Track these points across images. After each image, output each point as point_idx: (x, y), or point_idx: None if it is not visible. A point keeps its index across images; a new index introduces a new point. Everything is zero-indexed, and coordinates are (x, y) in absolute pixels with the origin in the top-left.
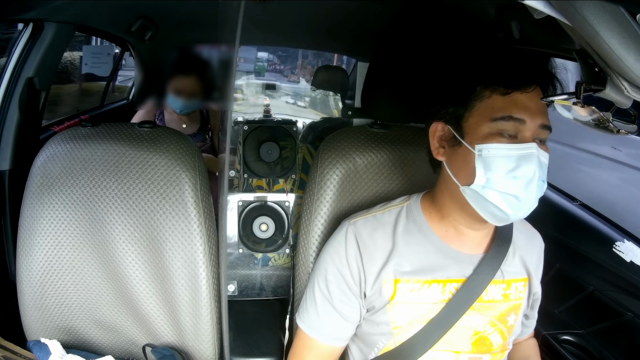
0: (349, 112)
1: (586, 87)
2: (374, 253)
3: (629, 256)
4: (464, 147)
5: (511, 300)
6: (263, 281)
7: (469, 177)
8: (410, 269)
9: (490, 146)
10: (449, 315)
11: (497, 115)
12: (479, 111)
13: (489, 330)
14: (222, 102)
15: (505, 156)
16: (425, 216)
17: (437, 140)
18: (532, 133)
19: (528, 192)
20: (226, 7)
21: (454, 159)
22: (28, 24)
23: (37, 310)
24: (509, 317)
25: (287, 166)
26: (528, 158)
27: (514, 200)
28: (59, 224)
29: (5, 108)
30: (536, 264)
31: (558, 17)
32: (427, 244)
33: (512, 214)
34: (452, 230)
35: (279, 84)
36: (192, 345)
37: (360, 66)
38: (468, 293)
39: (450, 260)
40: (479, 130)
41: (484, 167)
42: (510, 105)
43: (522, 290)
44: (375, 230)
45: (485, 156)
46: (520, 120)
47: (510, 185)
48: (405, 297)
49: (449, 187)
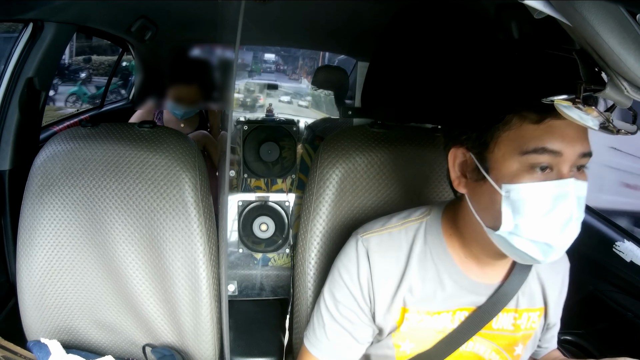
0: (349, 112)
1: (586, 87)
2: (386, 277)
3: (629, 256)
4: (489, 184)
5: (522, 330)
6: (263, 281)
7: (495, 220)
8: (421, 297)
9: (520, 187)
10: (454, 342)
11: (529, 147)
12: (506, 142)
13: (494, 358)
14: (222, 102)
15: (537, 198)
16: (445, 238)
17: (458, 168)
18: (570, 165)
19: (563, 235)
20: (226, 7)
21: (477, 196)
22: (28, 24)
23: (37, 310)
24: (516, 347)
25: (287, 166)
26: (564, 197)
27: (547, 248)
28: (59, 224)
29: (5, 108)
30: (559, 289)
31: (558, 17)
32: (442, 271)
33: (543, 260)
34: (472, 258)
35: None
36: (192, 345)
37: (360, 66)
38: (476, 321)
39: (465, 291)
40: (507, 166)
41: (513, 210)
42: (543, 134)
43: (536, 320)
44: (389, 252)
45: (513, 198)
46: (556, 153)
47: (542, 232)
48: (412, 325)
49: (473, 223)
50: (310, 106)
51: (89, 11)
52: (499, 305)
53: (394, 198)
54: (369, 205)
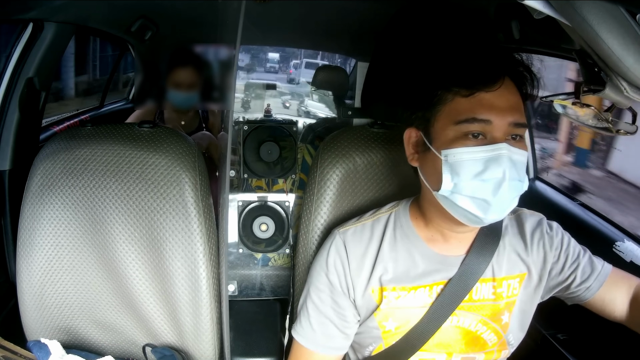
0: (349, 112)
1: (586, 87)
2: (361, 262)
3: (629, 256)
4: (432, 152)
5: (503, 298)
6: (263, 281)
7: (439, 183)
8: (395, 276)
9: (455, 151)
10: (435, 318)
11: (461, 118)
12: (444, 115)
13: (482, 329)
14: (222, 102)
15: (471, 160)
16: (412, 222)
17: (412, 146)
18: (502, 133)
19: (499, 194)
20: (226, 7)
21: (425, 165)
22: (28, 24)
23: (37, 310)
24: (502, 316)
25: (287, 166)
26: (497, 160)
27: (484, 204)
28: (59, 224)
29: (5, 108)
30: (542, 250)
31: (558, 17)
32: (413, 250)
33: (485, 217)
34: (437, 234)
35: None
36: (192, 345)
37: (360, 66)
38: (453, 294)
39: (437, 265)
40: (445, 135)
41: (451, 172)
42: (474, 106)
43: (517, 287)
44: (363, 240)
45: (451, 161)
46: (486, 121)
47: (478, 189)
48: (391, 304)
49: (426, 193)
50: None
51: (89, 11)
52: (472, 275)
53: (394, 198)
54: (369, 205)
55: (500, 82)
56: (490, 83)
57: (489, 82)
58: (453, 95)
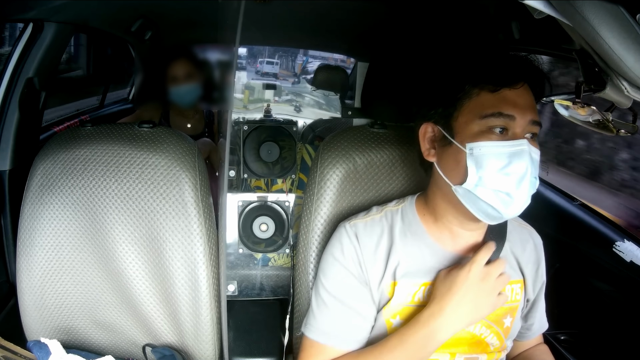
0: (349, 112)
1: (586, 87)
2: (373, 256)
3: (629, 256)
4: (454, 146)
5: (507, 302)
6: (263, 281)
7: (461, 177)
8: (407, 271)
9: (481, 144)
10: None
11: (487, 112)
12: (469, 109)
13: (485, 332)
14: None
15: (496, 153)
16: (420, 218)
17: (428, 141)
18: (522, 129)
19: (521, 188)
20: (226, 7)
21: (445, 159)
22: (28, 24)
23: (37, 310)
24: (504, 319)
25: (287, 166)
26: (519, 155)
27: (507, 198)
28: (59, 224)
29: (5, 108)
30: (534, 264)
31: (558, 17)
32: (422, 247)
33: (505, 212)
34: (446, 232)
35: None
36: (192, 345)
37: (360, 66)
38: None
39: (445, 263)
40: (469, 129)
41: (476, 165)
42: (499, 102)
43: (519, 292)
44: (374, 234)
45: (476, 154)
46: (510, 117)
47: (502, 183)
48: (401, 299)
49: (441, 188)
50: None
51: (89, 11)
52: None
53: (394, 197)
54: (369, 205)
55: (522, 82)
56: (515, 82)
57: (514, 81)
58: (479, 90)
